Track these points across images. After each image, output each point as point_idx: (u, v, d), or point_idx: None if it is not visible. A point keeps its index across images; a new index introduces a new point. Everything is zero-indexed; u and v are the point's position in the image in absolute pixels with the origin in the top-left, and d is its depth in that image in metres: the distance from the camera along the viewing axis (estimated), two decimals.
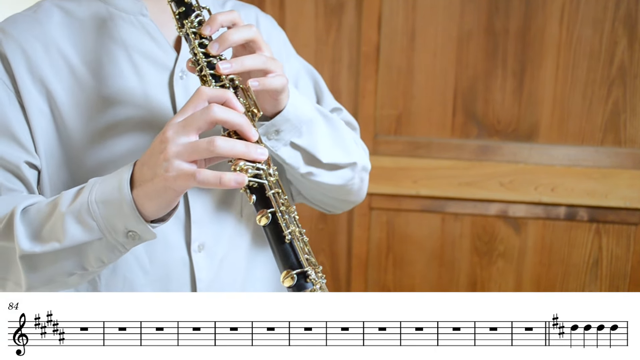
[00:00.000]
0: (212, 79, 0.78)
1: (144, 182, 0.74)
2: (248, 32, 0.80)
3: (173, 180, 0.72)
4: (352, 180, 1.00)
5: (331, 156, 0.94)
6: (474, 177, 1.86)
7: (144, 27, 0.90)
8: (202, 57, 0.79)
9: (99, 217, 0.76)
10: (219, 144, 0.71)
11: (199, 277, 0.92)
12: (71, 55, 0.87)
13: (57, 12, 0.90)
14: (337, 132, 0.96)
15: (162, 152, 0.73)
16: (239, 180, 0.72)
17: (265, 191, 0.75)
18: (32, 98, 0.86)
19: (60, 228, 0.77)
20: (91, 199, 0.77)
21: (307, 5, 1.87)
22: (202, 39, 0.80)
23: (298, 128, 0.88)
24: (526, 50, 1.81)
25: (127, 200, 0.75)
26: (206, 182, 0.71)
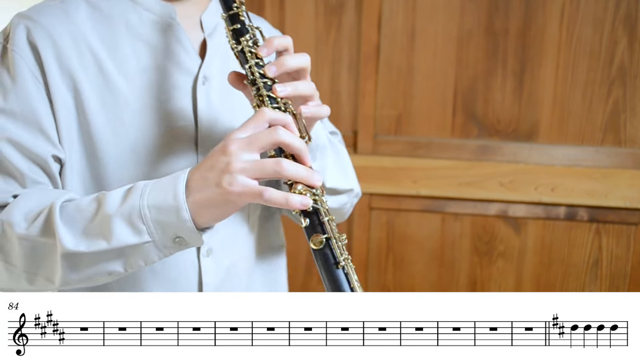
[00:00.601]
0: (269, 100, 0.79)
1: (203, 192, 0.75)
2: (303, 60, 0.82)
3: (237, 196, 0.73)
4: (346, 205, 1.04)
5: (334, 182, 0.97)
6: (474, 177, 1.86)
7: (172, 30, 0.91)
8: (259, 77, 0.80)
9: (150, 221, 0.76)
10: (286, 166, 0.73)
11: (205, 281, 0.92)
12: (99, 51, 0.87)
13: (84, 6, 0.89)
14: (340, 159, 1.00)
15: (226, 165, 0.73)
16: (305, 202, 0.73)
17: (320, 216, 0.76)
18: (60, 91, 0.85)
19: (108, 228, 0.77)
20: (143, 203, 0.77)
21: (307, 5, 1.87)
22: (257, 58, 0.81)
23: (314, 152, 0.91)
24: (526, 50, 1.81)
25: (183, 209, 0.75)
26: (274, 201, 0.72)
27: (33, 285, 0.82)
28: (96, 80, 0.87)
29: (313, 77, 1.87)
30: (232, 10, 0.84)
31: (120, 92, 0.87)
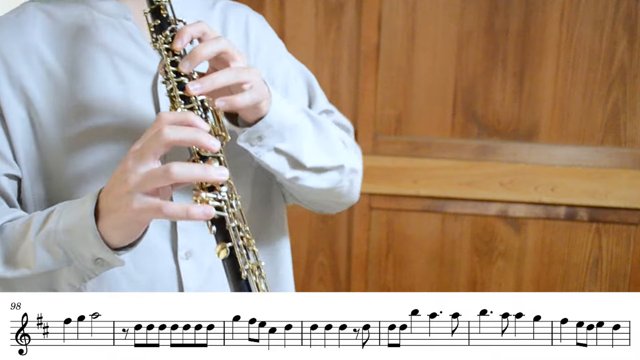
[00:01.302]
0: (182, 100, 0.76)
1: (109, 213, 0.74)
2: (217, 45, 0.77)
3: (138, 213, 0.71)
4: (340, 183, 0.98)
5: (317, 160, 0.92)
6: (474, 177, 1.86)
7: (127, 30, 0.89)
8: (173, 77, 0.76)
9: (65, 245, 0.76)
10: (175, 170, 0.69)
11: (186, 285, 0.90)
12: (51, 61, 0.86)
13: (40, 16, 0.88)
14: (324, 135, 0.94)
15: (123, 182, 0.71)
16: (207, 212, 0.70)
17: (225, 224, 0.73)
18: (12, 106, 0.85)
19: (31, 255, 0.78)
20: (58, 228, 0.77)
21: (307, 5, 1.87)
22: (174, 55, 0.77)
23: (281, 133, 0.86)
24: (526, 50, 1.81)
25: (92, 231, 0.74)
26: (173, 215, 0.70)
27: None
28: (50, 92, 0.86)
29: None
30: (153, 5, 0.80)
31: (77, 101, 0.86)
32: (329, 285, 2.01)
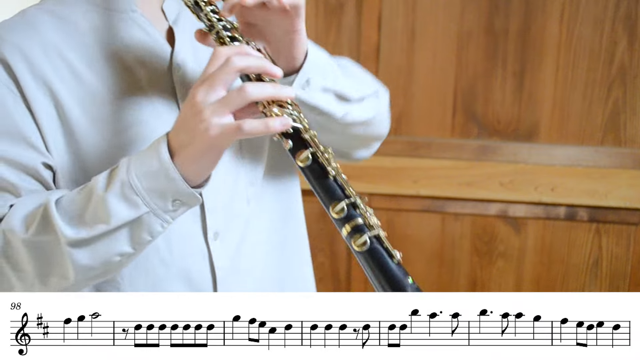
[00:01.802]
0: (230, 41, 0.79)
1: (185, 147, 0.74)
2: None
3: (218, 138, 0.73)
4: (379, 108, 1.01)
5: (356, 90, 0.95)
6: (474, 177, 1.86)
7: (136, 22, 0.90)
8: (216, 22, 0.80)
9: (143, 191, 0.76)
10: (250, 89, 0.72)
11: (217, 265, 0.92)
12: (70, 57, 0.87)
13: (46, 16, 0.89)
14: (349, 71, 0.98)
15: (196, 114, 0.73)
16: (284, 122, 0.72)
17: (301, 134, 0.75)
18: (38, 100, 0.85)
19: (104, 210, 0.77)
20: (131, 175, 0.76)
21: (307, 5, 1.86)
22: (210, 4, 0.81)
23: (323, 71, 0.89)
24: (526, 50, 1.81)
25: (170, 167, 0.75)
26: (254, 130, 0.72)
27: (47, 286, 0.82)
28: (72, 85, 0.86)
29: None
30: None
31: (99, 93, 0.87)
32: (329, 285, 2.01)
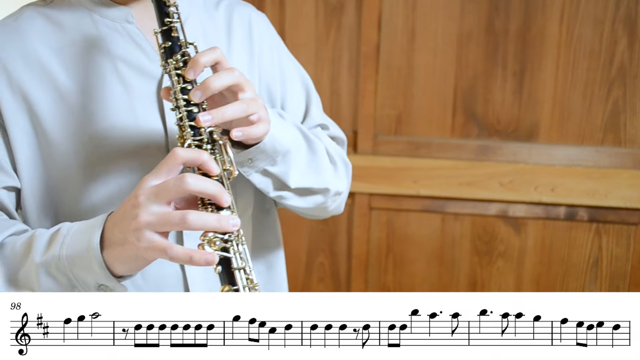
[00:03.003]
0: (191, 130, 0.76)
1: (115, 246, 0.74)
2: (230, 77, 0.77)
3: (144, 251, 0.72)
4: (323, 204, 1.00)
5: (302, 182, 0.93)
6: (474, 177, 1.86)
7: (130, 35, 0.88)
8: (183, 105, 0.77)
9: (69, 272, 0.77)
10: (192, 219, 0.70)
11: (192, 289, 0.91)
12: (53, 66, 0.85)
13: (39, 20, 0.87)
14: (315, 158, 0.95)
15: (134, 218, 0.71)
16: (209, 259, 0.71)
17: (230, 266, 0.73)
18: (14, 117, 0.84)
19: (35, 278, 0.78)
20: (62, 254, 0.76)
21: (307, 5, 1.87)
22: (185, 82, 0.77)
23: (273, 158, 0.87)
24: (526, 50, 1.81)
25: (98, 261, 0.74)
26: (177, 259, 0.71)
27: None
28: (51, 97, 0.85)
29: (313, 76, 1.87)
30: (165, 26, 0.79)
31: (79, 106, 0.85)
32: (329, 285, 2.01)
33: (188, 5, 0.93)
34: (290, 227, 1.95)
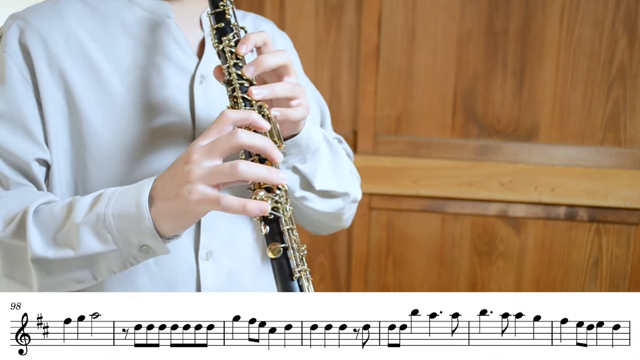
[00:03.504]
0: (243, 102, 0.78)
1: (164, 201, 0.74)
2: (281, 58, 0.81)
3: (196, 204, 0.72)
4: (342, 209, 1.02)
5: (327, 184, 0.95)
6: (474, 177, 1.86)
7: (169, 29, 0.90)
8: (236, 79, 0.79)
9: (115, 230, 0.76)
10: (242, 168, 0.71)
11: (204, 285, 0.91)
12: (92, 50, 0.87)
13: (79, 6, 0.89)
14: (338, 163, 0.98)
15: (186, 173, 0.73)
16: (262, 208, 0.72)
17: (280, 225, 0.75)
18: (50, 92, 0.85)
19: (75, 237, 0.77)
20: (107, 212, 0.76)
21: (307, 5, 1.87)
22: (237, 59, 0.81)
23: (304, 154, 0.90)
24: (526, 50, 1.81)
25: (146, 217, 0.74)
26: (230, 208, 0.71)
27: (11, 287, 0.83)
28: (89, 79, 0.86)
29: (313, 77, 1.87)
30: (218, 8, 0.83)
31: (114, 90, 0.87)
32: (329, 285, 2.01)
33: None
34: None
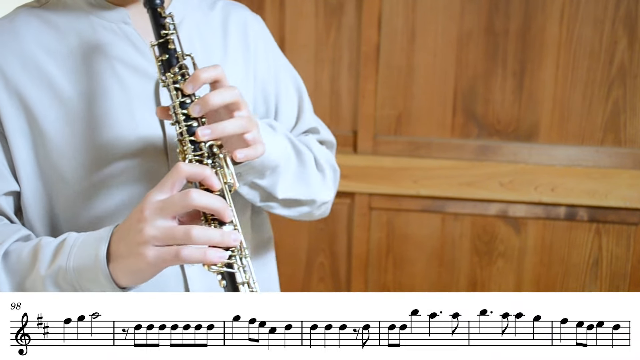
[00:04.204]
0: (191, 145, 0.76)
1: (121, 259, 0.74)
2: (230, 95, 0.77)
3: (152, 265, 0.72)
4: (309, 213, 1.01)
5: (290, 194, 0.94)
6: (474, 177, 1.86)
7: (127, 36, 0.87)
8: (182, 119, 0.77)
9: (75, 283, 0.77)
10: (196, 234, 0.70)
11: (192, 289, 0.91)
12: (51, 69, 0.85)
13: (35, 22, 0.87)
14: (304, 170, 0.97)
15: (139, 232, 0.72)
16: (221, 255, 0.72)
17: (234, 281, 0.74)
18: (12, 120, 0.84)
19: (41, 288, 0.78)
20: (69, 266, 0.77)
21: (307, 5, 1.87)
22: (183, 96, 0.77)
23: (261, 172, 0.88)
24: (526, 50, 1.81)
25: (104, 274, 0.75)
26: (191, 258, 0.71)
27: None
28: (50, 101, 0.84)
29: (313, 77, 1.87)
30: (161, 39, 0.79)
31: (77, 108, 0.85)
32: (329, 285, 2.01)
33: (183, 7, 0.93)
34: (290, 228, 1.95)
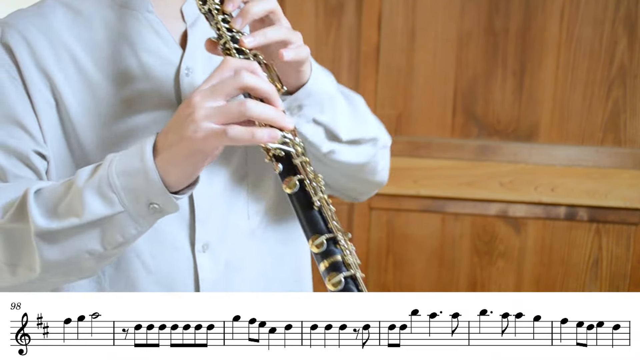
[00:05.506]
0: (237, 54, 0.77)
1: (169, 148, 0.73)
2: (268, 4, 0.79)
3: (202, 141, 0.71)
4: (374, 157, 0.99)
5: (352, 132, 0.93)
6: (474, 177, 1.86)
7: (150, 23, 0.89)
8: (226, 32, 0.78)
9: (120, 189, 0.74)
10: (251, 106, 0.70)
11: (202, 277, 0.90)
12: (77, 51, 0.87)
13: (60, 9, 0.89)
14: (356, 109, 0.96)
15: (189, 115, 0.71)
16: (273, 135, 0.71)
17: (292, 159, 0.74)
18: (38, 90, 0.85)
19: (79, 203, 0.75)
20: (111, 171, 0.75)
21: (307, 5, 1.87)
22: (224, 14, 0.80)
23: (320, 103, 0.87)
24: (526, 50, 1.81)
25: (151, 168, 0.73)
26: (239, 137, 0.70)
27: (16, 276, 0.81)
28: (75, 80, 0.86)
29: None
30: None
31: (101, 90, 0.87)
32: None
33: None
34: None
